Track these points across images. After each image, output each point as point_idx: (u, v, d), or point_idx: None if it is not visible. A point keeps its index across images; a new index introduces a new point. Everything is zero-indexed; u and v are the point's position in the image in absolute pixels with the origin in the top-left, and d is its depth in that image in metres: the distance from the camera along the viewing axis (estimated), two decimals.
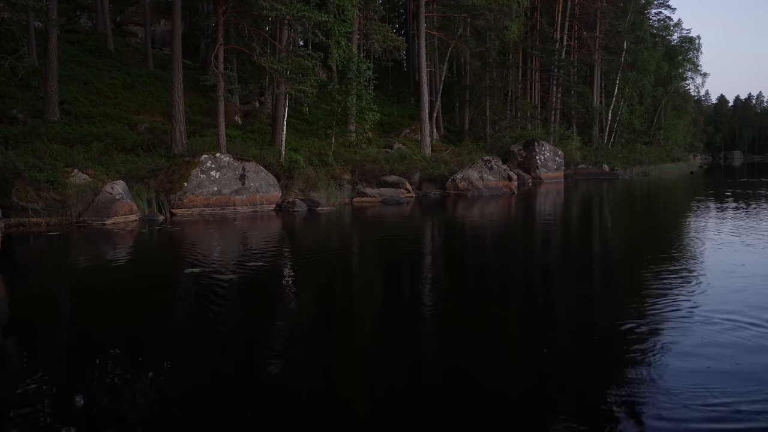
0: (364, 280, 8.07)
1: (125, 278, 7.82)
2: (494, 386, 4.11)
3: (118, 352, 4.72)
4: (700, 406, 3.66)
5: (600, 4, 44.36)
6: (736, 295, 6.44)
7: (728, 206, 17.62)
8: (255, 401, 3.81)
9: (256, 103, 29.57)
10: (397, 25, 53.63)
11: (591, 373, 4.34)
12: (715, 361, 4.40)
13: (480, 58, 36.64)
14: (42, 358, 4.64)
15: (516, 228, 14.00)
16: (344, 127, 23.98)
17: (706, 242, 10.44)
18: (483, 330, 5.45)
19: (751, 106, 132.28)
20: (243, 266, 8.46)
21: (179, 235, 12.04)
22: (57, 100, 19.67)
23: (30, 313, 6.10)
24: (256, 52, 18.79)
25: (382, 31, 26.64)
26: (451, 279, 7.99)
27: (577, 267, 8.83)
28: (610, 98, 47.03)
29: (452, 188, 22.24)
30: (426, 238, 12.41)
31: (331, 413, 3.69)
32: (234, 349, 5.02)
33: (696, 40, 55.89)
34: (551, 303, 6.60)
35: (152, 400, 3.81)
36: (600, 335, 5.28)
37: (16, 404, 3.74)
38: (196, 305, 6.57)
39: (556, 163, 33.07)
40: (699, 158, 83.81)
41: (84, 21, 34.12)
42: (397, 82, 44.01)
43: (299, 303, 6.59)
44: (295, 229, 13.47)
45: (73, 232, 11.98)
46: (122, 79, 25.49)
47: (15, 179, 12.71)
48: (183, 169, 15.30)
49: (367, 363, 4.63)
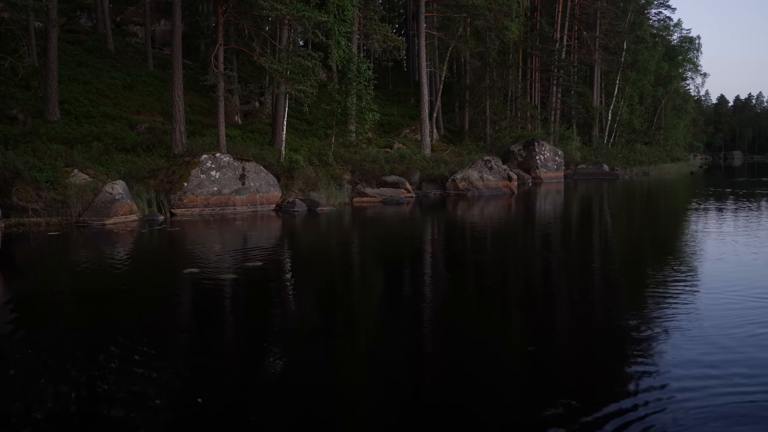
0: (365, 279, 8.07)
1: (125, 278, 7.81)
2: (494, 386, 4.10)
3: (117, 352, 4.72)
4: (705, 409, 3.66)
5: (600, 4, 44.34)
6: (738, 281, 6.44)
7: (728, 206, 17.62)
8: (255, 401, 3.81)
9: (256, 103, 29.57)
10: (397, 25, 53.63)
11: (591, 372, 4.34)
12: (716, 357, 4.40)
13: (480, 58, 36.64)
14: (42, 358, 4.64)
15: (516, 228, 14.00)
16: (344, 127, 23.97)
17: (706, 242, 10.44)
18: (483, 329, 5.44)
19: (751, 106, 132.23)
20: (243, 266, 8.46)
21: (179, 235, 12.04)
22: (57, 100, 19.68)
23: (29, 313, 6.10)
24: (256, 52, 18.79)
25: (382, 31, 26.63)
26: (451, 279, 7.98)
27: (577, 267, 8.82)
28: (610, 98, 47.03)
29: (452, 188, 22.23)
30: (426, 238, 12.41)
31: (332, 412, 3.69)
32: (234, 349, 5.02)
33: (696, 40, 55.95)
34: (551, 303, 6.59)
35: (152, 399, 3.81)
36: (599, 334, 5.29)
37: (15, 404, 3.74)
38: (196, 305, 6.58)
39: (556, 163, 33.07)
40: (699, 158, 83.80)
41: (84, 21, 34.12)
42: (397, 82, 44.00)
43: (299, 303, 6.58)
44: (295, 229, 13.46)
45: (73, 232, 11.98)
46: (122, 79, 25.49)
47: (15, 179, 12.71)
48: (183, 169, 15.30)
49: (367, 363, 4.63)
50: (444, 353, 4.81)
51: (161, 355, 4.64)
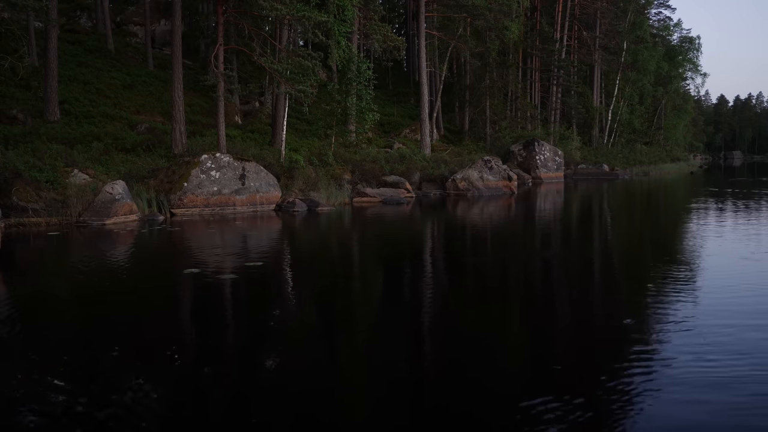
0: (365, 279, 8.07)
1: (125, 278, 7.82)
2: (494, 386, 4.10)
3: (117, 351, 4.72)
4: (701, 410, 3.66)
5: (600, 4, 44.33)
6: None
7: (727, 206, 17.62)
8: (255, 401, 3.81)
9: (256, 103, 29.57)
10: (397, 25, 53.60)
11: (591, 372, 4.34)
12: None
13: (480, 58, 36.63)
14: (41, 358, 4.64)
15: (516, 228, 14.00)
16: (344, 127, 23.97)
17: (706, 241, 10.44)
18: (483, 329, 5.44)
19: (751, 106, 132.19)
20: (243, 266, 8.46)
21: (179, 235, 12.04)
22: (57, 100, 19.67)
23: (29, 313, 6.10)
24: (256, 52, 18.79)
25: (382, 31, 26.63)
26: (451, 279, 7.98)
27: (577, 267, 8.82)
28: (610, 98, 47.00)
29: (452, 188, 22.23)
30: (426, 238, 12.41)
31: (332, 413, 3.69)
32: (234, 349, 5.02)
33: (696, 40, 55.91)
34: (551, 303, 6.59)
35: (152, 400, 3.81)
36: (599, 333, 5.29)
37: (16, 404, 3.74)
38: (196, 305, 6.58)
39: (556, 163, 33.06)
40: (699, 158, 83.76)
41: (84, 21, 34.11)
42: (397, 82, 43.99)
43: (299, 303, 6.59)
44: (295, 229, 13.47)
45: (73, 232, 11.98)
46: (122, 79, 25.48)
47: (15, 179, 12.71)
48: (183, 169, 15.30)
49: (367, 362, 4.63)
50: (444, 353, 4.81)
51: (161, 356, 4.64)
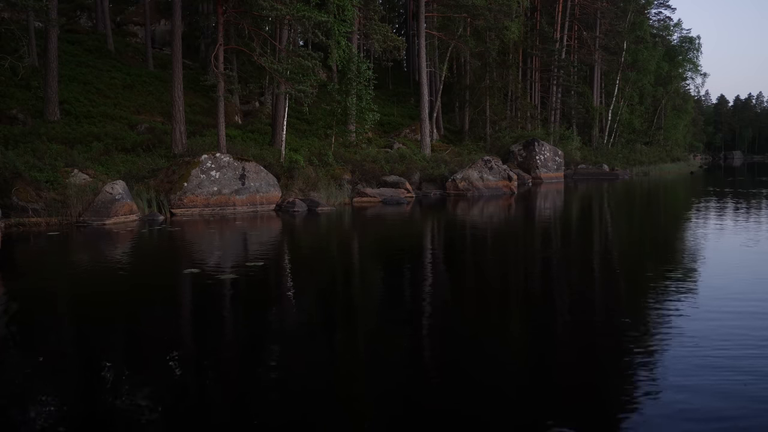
0: (365, 279, 8.07)
1: (124, 278, 7.82)
2: (494, 385, 4.10)
3: (117, 352, 4.72)
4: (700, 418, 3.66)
5: (600, 4, 44.32)
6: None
7: (728, 206, 17.62)
8: (255, 401, 3.81)
9: (256, 103, 29.57)
10: (397, 25, 53.61)
11: (591, 372, 4.34)
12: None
13: (480, 58, 36.61)
14: (41, 358, 4.64)
15: (516, 228, 14.00)
16: (344, 127, 23.97)
17: (706, 241, 10.44)
18: (483, 329, 5.44)
19: (751, 106, 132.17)
20: (243, 266, 8.46)
21: (179, 235, 12.04)
22: (57, 100, 19.67)
23: (29, 313, 6.10)
24: (256, 52, 18.79)
25: (382, 31, 26.62)
26: (451, 279, 7.98)
27: (577, 267, 8.82)
28: (610, 98, 46.99)
29: (452, 188, 22.23)
30: (426, 238, 12.41)
31: (332, 413, 3.69)
32: (234, 349, 5.02)
33: (696, 40, 55.89)
34: (551, 302, 6.59)
35: (152, 400, 3.81)
36: (600, 333, 5.29)
37: (15, 404, 3.74)
38: (196, 305, 6.58)
39: (556, 163, 33.06)
40: (699, 158, 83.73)
41: (84, 21, 34.11)
42: (397, 82, 43.98)
43: (299, 303, 6.58)
44: (295, 229, 13.47)
45: (73, 232, 11.98)
46: (122, 79, 25.49)
47: (15, 179, 12.71)
48: (183, 169, 15.30)
49: (367, 363, 4.63)
50: (444, 353, 4.81)
51: (161, 356, 4.64)
